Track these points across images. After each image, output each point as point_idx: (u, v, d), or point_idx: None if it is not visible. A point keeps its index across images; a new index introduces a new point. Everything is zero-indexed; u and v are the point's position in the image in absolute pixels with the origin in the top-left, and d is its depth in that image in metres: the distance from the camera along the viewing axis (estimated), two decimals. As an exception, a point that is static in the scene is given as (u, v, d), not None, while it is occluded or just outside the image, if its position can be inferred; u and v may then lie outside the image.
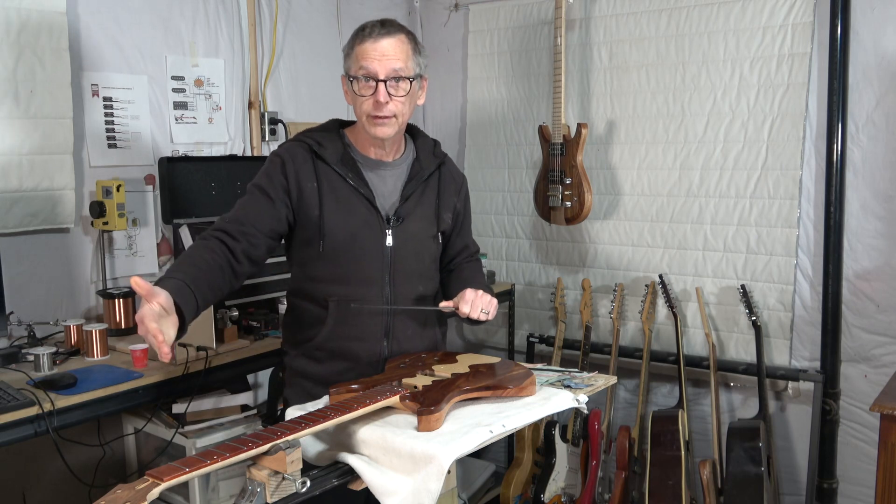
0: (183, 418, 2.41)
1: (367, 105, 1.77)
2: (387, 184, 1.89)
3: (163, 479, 1.14)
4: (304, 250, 1.86)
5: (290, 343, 1.97)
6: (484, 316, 1.80)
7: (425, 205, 1.93)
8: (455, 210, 2.02)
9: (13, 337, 2.40)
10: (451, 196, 2.00)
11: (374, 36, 1.76)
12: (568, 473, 3.22)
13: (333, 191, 1.83)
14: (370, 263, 1.85)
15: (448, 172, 2.01)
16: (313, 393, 1.83)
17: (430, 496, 1.34)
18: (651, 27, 3.19)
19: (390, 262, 1.86)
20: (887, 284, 2.80)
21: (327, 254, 1.83)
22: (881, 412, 2.09)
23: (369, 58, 1.75)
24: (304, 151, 1.84)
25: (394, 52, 1.76)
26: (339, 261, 1.83)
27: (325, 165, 1.83)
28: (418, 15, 3.87)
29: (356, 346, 1.86)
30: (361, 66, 1.75)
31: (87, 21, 2.64)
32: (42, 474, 2.58)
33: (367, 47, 1.76)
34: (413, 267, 1.91)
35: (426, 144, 1.99)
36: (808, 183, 2.91)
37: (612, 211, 3.36)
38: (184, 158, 2.90)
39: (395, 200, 1.89)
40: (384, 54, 1.75)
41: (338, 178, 1.83)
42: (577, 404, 1.66)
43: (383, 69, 1.75)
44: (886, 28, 2.72)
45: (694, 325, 3.19)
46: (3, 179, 2.42)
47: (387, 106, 1.76)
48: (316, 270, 1.85)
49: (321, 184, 1.82)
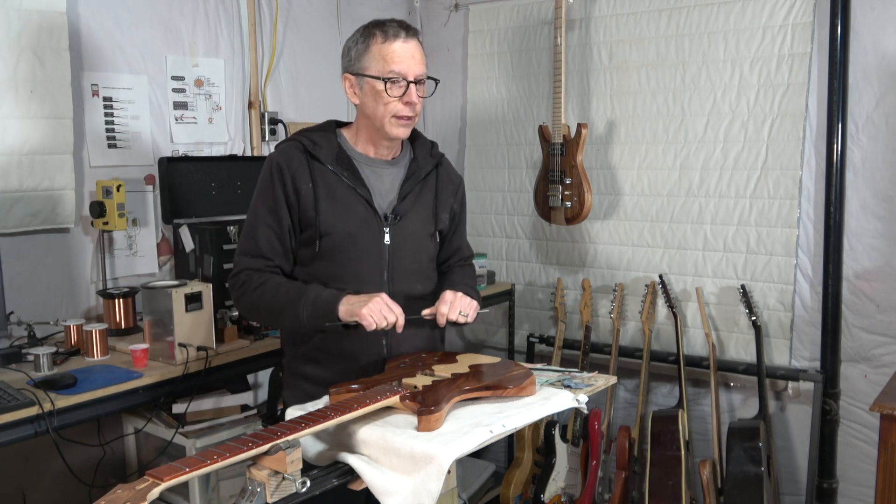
0: (183, 418, 2.41)
1: (394, 106, 1.79)
2: (384, 182, 1.90)
3: (163, 479, 1.14)
4: (302, 250, 1.86)
5: (289, 344, 1.97)
6: (462, 319, 1.82)
7: (423, 204, 1.94)
8: (452, 211, 2.02)
9: (13, 337, 2.40)
10: (449, 197, 2.00)
11: (402, 38, 1.79)
12: (568, 473, 3.22)
13: (330, 190, 1.83)
14: (368, 262, 1.85)
15: (446, 173, 2.01)
16: (312, 394, 1.83)
17: (430, 496, 1.34)
18: (651, 27, 3.19)
19: (388, 260, 1.87)
20: (887, 284, 2.80)
21: (325, 253, 1.83)
22: (881, 412, 2.09)
23: (400, 59, 1.78)
24: (299, 153, 1.84)
25: (419, 56, 1.82)
26: (338, 260, 1.84)
27: (320, 165, 1.84)
28: (418, 15, 3.87)
29: (355, 347, 1.86)
30: (392, 69, 1.77)
31: (87, 21, 2.64)
32: (42, 474, 2.58)
33: (396, 49, 1.78)
34: (411, 266, 1.91)
35: (424, 145, 2.00)
36: (808, 183, 2.91)
37: (612, 211, 3.36)
38: (184, 158, 2.90)
39: (392, 199, 1.89)
40: (413, 56, 1.79)
41: (334, 178, 1.83)
42: (577, 404, 1.66)
43: (412, 71, 1.79)
44: (886, 28, 2.72)
45: (694, 325, 3.19)
46: (3, 179, 2.42)
47: (415, 106, 1.80)
48: (314, 270, 1.86)
49: (317, 184, 1.82)
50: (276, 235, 1.83)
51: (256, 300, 1.81)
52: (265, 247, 1.83)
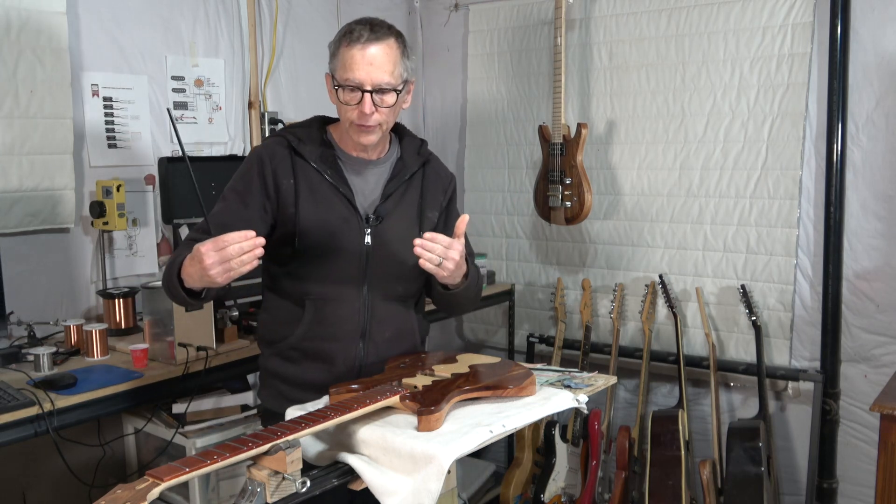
0: (183, 418, 2.41)
1: (351, 113, 1.73)
2: (368, 182, 1.84)
3: (163, 479, 1.14)
4: (281, 247, 1.80)
5: (264, 342, 1.92)
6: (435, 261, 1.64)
7: (407, 204, 1.88)
8: (441, 208, 1.95)
9: (13, 337, 2.40)
10: (438, 194, 1.94)
11: (362, 42, 1.69)
12: (568, 473, 3.22)
13: (311, 188, 1.78)
14: (347, 262, 1.80)
15: (433, 171, 1.95)
16: (287, 395, 1.79)
17: (430, 496, 1.34)
18: (651, 27, 3.19)
19: (368, 261, 1.81)
20: (887, 284, 2.80)
21: (303, 251, 1.78)
22: (881, 412, 2.09)
23: (356, 67, 1.69)
24: (283, 148, 1.80)
25: (381, 62, 1.70)
26: (315, 259, 1.79)
27: (303, 162, 1.79)
28: (418, 15, 3.87)
29: (331, 348, 1.81)
30: (347, 77, 1.70)
31: (87, 21, 2.64)
32: (42, 474, 2.58)
33: (354, 55, 1.69)
34: (392, 267, 1.84)
35: (412, 144, 1.94)
36: (808, 183, 2.91)
37: (612, 211, 3.36)
38: (184, 158, 2.90)
39: (375, 199, 1.84)
40: (371, 64, 1.69)
41: (316, 175, 1.79)
42: (577, 404, 1.66)
43: (369, 80, 1.69)
44: (886, 28, 2.73)
45: (694, 325, 3.19)
46: (3, 179, 2.42)
47: (372, 117, 1.71)
48: (292, 268, 1.81)
49: (298, 181, 1.78)
50: (233, 218, 1.72)
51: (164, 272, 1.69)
52: (215, 224, 1.65)
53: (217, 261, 1.50)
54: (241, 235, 1.50)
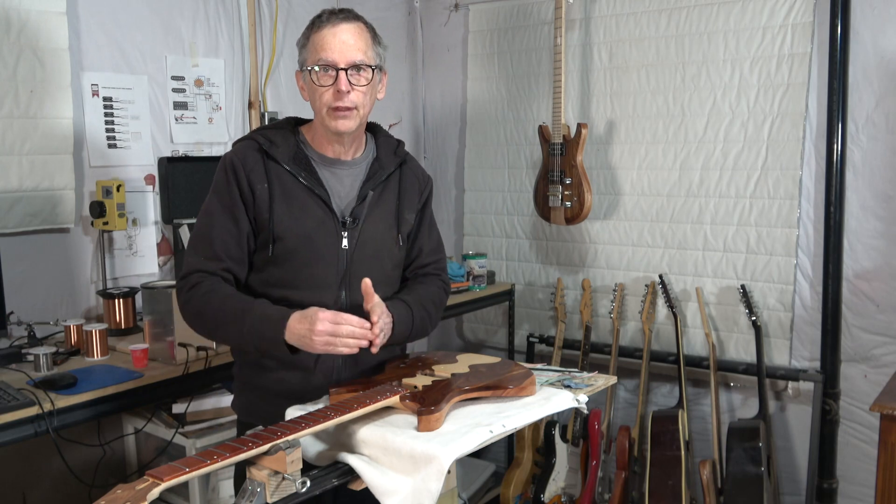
0: (183, 418, 2.40)
1: (327, 96, 1.68)
2: (344, 183, 1.78)
3: (163, 479, 1.14)
4: (257, 253, 1.75)
5: (238, 352, 1.85)
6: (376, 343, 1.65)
7: (384, 206, 1.82)
8: (417, 210, 1.90)
9: (13, 337, 2.40)
10: (414, 196, 1.88)
11: (332, 22, 1.69)
12: (568, 473, 3.22)
13: (285, 191, 1.73)
14: (325, 267, 1.74)
15: (411, 172, 1.89)
16: (261, 406, 1.75)
17: (431, 496, 1.34)
18: (651, 27, 3.19)
19: (346, 265, 1.76)
20: (887, 284, 2.80)
21: (279, 257, 1.72)
22: (881, 412, 2.09)
23: (328, 46, 1.67)
24: (255, 152, 1.74)
25: (353, 39, 1.68)
26: (292, 265, 1.73)
27: (276, 165, 1.73)
28: (418, 15, 3.87)
29: (309, 355, 1.67)
30: (320, 57, 1.68)
31: (87, 21, 2.64)
32: (42, 474, 2.58)
33: (325, 34, 1.68)
34: (371, 272, 1.75)
35: (388, 144, 1.88)
36: (808, 183, 2.91)
37: (612, 211, 3.36)
38: (184, 158, 2.90)
39: (351, 200, 1.78)
40: (344, 41, 1.67)
41: (290, 178, 1.73)
42: (577, 404, 1.66)
43: (343, 58, 1.66)
44: (886, 28, 2.73)
45: (694, 325, 3.19)
46: (3, 179, 2.42)
47: (348, 96, 1.68)
48: (268, 275, 1.75)
49: (272, 185, 1.72)
50: (232, 238, 1.71)
51: (203, 306, 1.67)
52: (220, 248, 1.68)
53: (328, 331, 1.55)
54: (359, 322, 1.58)
